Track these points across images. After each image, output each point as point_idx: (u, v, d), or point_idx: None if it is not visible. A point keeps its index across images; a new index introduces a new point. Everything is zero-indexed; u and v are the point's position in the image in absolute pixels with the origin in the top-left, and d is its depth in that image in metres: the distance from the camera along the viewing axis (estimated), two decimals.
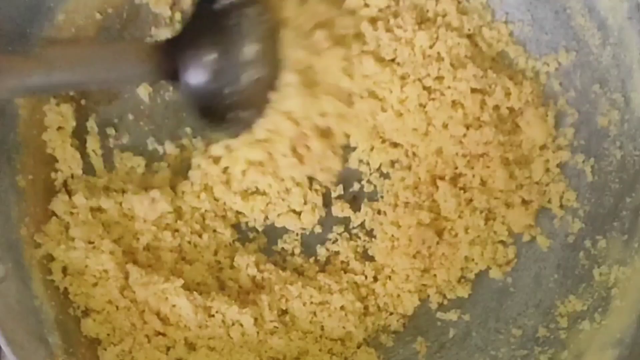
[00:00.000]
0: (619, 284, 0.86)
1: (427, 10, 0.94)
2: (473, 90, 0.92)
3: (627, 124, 0.89)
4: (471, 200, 0.92)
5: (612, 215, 0.89)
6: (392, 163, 0.94)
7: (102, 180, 0.91)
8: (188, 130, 0.95)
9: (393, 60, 0.93)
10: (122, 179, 0.92)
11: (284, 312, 0.90)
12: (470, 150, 0.92)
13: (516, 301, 0.92)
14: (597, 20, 0.90)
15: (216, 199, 0.93)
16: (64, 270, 0.87)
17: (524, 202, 0.92)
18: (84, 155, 0.91)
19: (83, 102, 0.91)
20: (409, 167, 0.93)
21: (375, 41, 0.92)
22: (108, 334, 0.86)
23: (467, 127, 0.92)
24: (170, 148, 0.94)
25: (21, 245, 0.84)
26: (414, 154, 0.93)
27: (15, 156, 0.86)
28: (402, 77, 0.92)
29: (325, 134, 0.92)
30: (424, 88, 0.92)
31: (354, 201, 0.94)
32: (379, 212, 0.93)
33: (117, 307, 0.87)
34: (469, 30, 0.94)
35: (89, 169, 0.92)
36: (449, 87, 0.92)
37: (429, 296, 0.93)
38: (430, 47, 0.93)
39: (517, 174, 0.92)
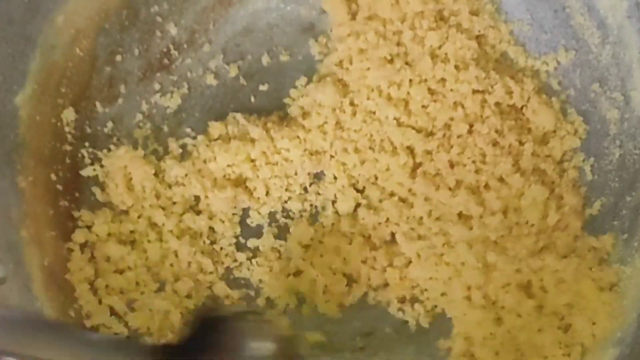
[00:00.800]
0: (619, 283, 0.86)
1: (444, 9, 0.95)
2: (474, 92, 0.92)
3: (626, 123, 0.89)
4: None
5: (612, 214, 0.89)
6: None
7: None
8: (188, 130, 0.96)
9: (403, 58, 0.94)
10: None
11: None
12: (483, 148, 0.91)
13: None
14: (596, 19, 0.90)
15: None
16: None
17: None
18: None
19: (83, 103, 0.92)
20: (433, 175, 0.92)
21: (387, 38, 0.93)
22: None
23: (471, 125, 0.92)
24: (171, 148, 0.95)
25: (22, 247, 0.84)
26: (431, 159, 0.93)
27: (16, 157, 0.86)
28: (410, 78, 0.93)
29: None
30: (429, 90, 0.92)
31: None
32: None
33: None
34: (479, 31, 0.94)
35: None
36: (451, 90, 0.92)
37: None
38: (439, 47, 0.93)
39: (538, 152, 0.92)
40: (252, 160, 0.94)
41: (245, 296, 0.92)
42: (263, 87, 0.97)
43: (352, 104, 0.94)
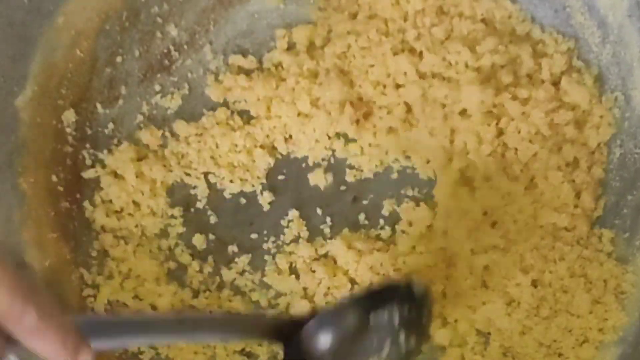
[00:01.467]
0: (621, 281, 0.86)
1: (444, 3, 0.94)
2: (501, 67, 0.90)
3: (627, 122, 0.89)
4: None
5: (614, 213, 0.89)
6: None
7: None
8: None
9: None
10: None
11: None
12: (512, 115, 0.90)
13: None
14: (596, 19, 0.90)
15: None
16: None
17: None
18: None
19: (84, 105, 0.92)
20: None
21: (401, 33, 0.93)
22: None
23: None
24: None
25: (23, 249, 0.84)
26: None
27: (16, 159, 0.86)
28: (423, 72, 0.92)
29: None
30: (443, 79, 0.91)
31: None
32: None
33: None
34: (482, 15, 0.93)
35: None
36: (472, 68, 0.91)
37: None
38: (446, 39, 0.92)
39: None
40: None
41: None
42: None
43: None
